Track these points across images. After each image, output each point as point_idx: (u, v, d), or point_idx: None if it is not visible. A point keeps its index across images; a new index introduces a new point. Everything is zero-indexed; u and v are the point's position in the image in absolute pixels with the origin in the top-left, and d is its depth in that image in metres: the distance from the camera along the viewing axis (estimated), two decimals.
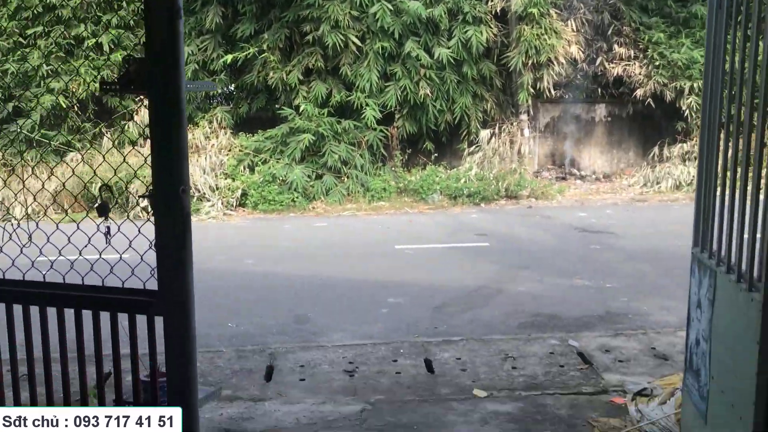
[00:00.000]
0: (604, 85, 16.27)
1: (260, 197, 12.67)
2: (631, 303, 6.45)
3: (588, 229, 10.22)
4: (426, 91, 13.80)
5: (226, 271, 7.92)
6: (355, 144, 13.73)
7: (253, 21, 14.15)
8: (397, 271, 7.81)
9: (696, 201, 3.30)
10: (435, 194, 13.19)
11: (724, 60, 3.00)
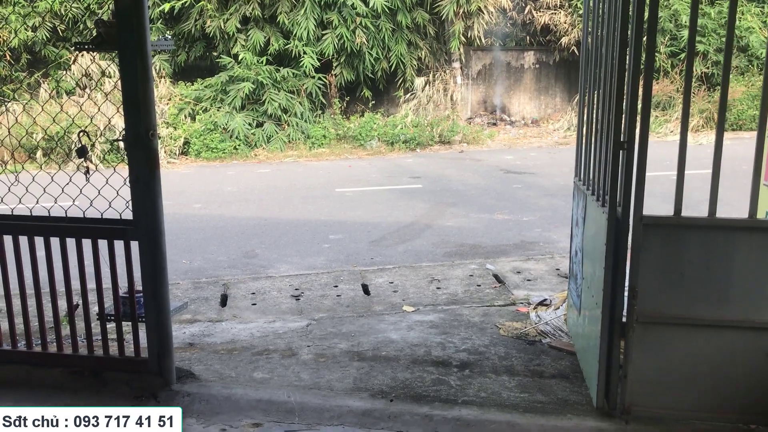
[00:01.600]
0: (532, 33, 17.03)
1: (203, 145, 12.98)
2: (544, 233, 7.31)
3: (512, 171, 11.08)
4: (362, 40, 14.22)
5: (175, 215, 8.38)
6: (295, 92, 14.10)
7: None
8: (338, 212, 8.46)
9: (577, 140, 4.05)
10: (373, 141, 13.79)
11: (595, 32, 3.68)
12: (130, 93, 3.34)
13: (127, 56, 3.30)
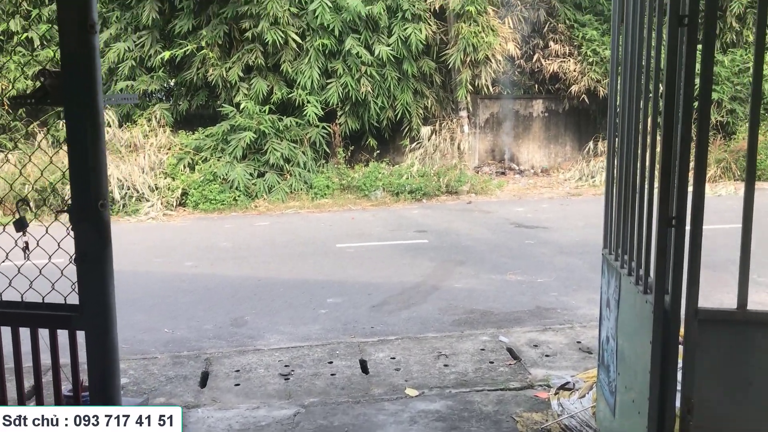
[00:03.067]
0: (541, 82, 16.70)
1: (201, 196, 12.53)
2: (561, 297, 6.70)
3: (523, 224, 10.52)
4: (367, 88, 13.89)
5: (164, 275, 7.84)
6: (298, 141, 13.71)
7: (191, 16, 13.93)
8: (338, 270, 7.89)
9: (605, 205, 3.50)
10: (377, 191, 13.31)
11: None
12: (78, 156, 2.82)
13: (74, 113, 2.78)
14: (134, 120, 14.24)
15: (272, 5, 13.11)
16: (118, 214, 12.05)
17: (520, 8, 16.22)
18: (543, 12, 16.40)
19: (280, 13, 13.15)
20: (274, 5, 13.13)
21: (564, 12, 16.27)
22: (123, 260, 8.66)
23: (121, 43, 14.23)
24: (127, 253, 9.03)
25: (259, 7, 13.23)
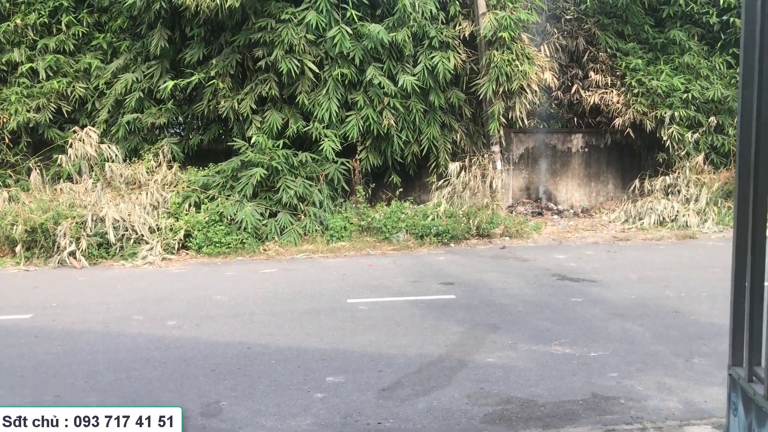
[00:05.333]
0: (580, 114, 15.40)
1: (205, 239, 11.37)
2: (623, 380, 5.26)
3: (567, 276, 9.08)
4: (390, 121, 12.73)
5: (138, 338, 6.60)
6: (314, 178, 12.55)
7: (202, 45, 13.02)
8: (344, 336, 6.56)
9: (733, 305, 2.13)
10: (400, 233, 12.01)
11: None
12: None
13: None
14: (141, 155, 13.28)
15: (287, 32, 12.11)
16: (113, 258, 10.94)
17: (557, 36, 15.03)
18: (582, 40, 15.19)
19: (295, 41, 12.12)
20: (290, 32, 12.13)
21: (605, 40, 15.01)
22: (96, 317, 7.49)
23: (129, 73, 13.36)
24: (106, 306, 7.85)
25: (273, 35, 12.24)
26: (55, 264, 10.62)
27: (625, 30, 15.21)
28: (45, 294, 8.66)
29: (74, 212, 11.12)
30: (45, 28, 13.71)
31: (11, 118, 12.95)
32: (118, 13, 13.73)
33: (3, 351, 6.25)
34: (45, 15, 13.56)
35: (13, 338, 6.67)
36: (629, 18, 15.21)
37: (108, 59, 13.85)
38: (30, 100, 13.13)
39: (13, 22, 13.33)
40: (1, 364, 5.91)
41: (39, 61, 13.43)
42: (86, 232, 10.87)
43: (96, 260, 10.84)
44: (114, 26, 13.88)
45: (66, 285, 9.24)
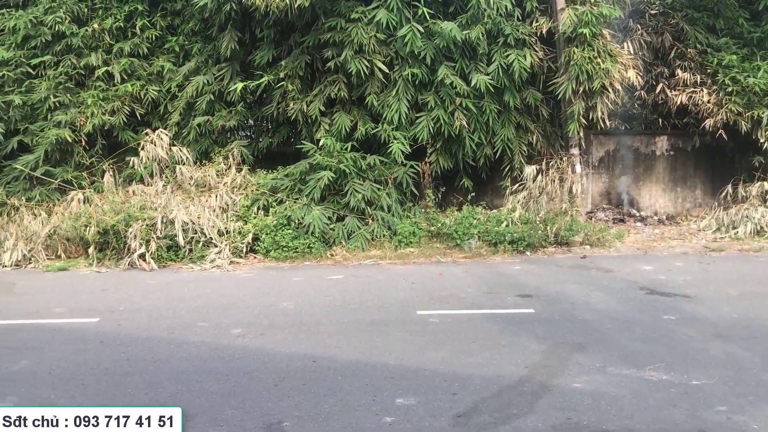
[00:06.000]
0: (665, 115, 14.43)
1: (272, 242, 11.18)
2: (734, 415, 4.61)
3: (657, 290, 8.34)
4: (462, 122, 12.21)
5: (202, 347, 6.38)
6: (382, 182, 12.18)
7: (272, 47, 12.87)
8: (415, 352, 6.13)
9: None
10: (472, 240, 11.48)
11: None
12: None
13: None
14: (211, 157, 13.28)
15: (357, 32, 11.79)
16: (182, 261, 10.90)
17: (640, 32, 14.12)
18: (668, 36, 14.21)
19: (365, 41, 11.79)
20: (359, 32, 11.81)
21: (694, 35, 13.99)
22: (162, 323, 7.32)
23: (200, 76, 13.39)
24: (172, 311, 7.71)
25: (342, 35, 11.96)
26: (126, 266, 10.66)
27: (716, 24, 14.13)
28: (113, 297, 8.63)
29: (145, 214, 11.15)
30: (120, 32, 13.91)
31: (88, 120, 13.16)
32: (190, 15, 13.80)
33: (69, 357, 6.14)
34: (121, 19, 13.76)
35: (80, 343, 6.57)
36: (721, 11, 14.12)
37: (180, 62, 13.94)
38: (105, 103, 13.32)
39: (90, 27, 13.58)
40: (65, 370, 5.79)
41: (114, 64, 13.62)
42: (156, 234, 10.87)
43: (165, 263, 10.82)
44: (186, 29, 13.96)
45: (134, 288, 9.20)
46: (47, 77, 13.43)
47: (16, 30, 13.50)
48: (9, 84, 13.29)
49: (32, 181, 12.80)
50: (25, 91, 13.30)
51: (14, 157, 13.03)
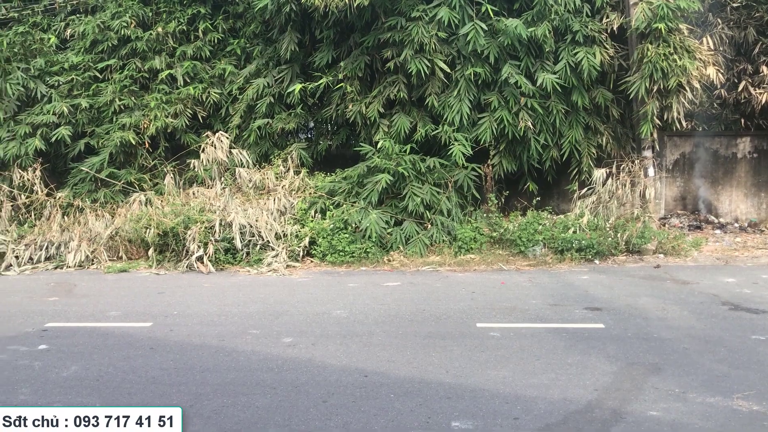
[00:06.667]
0: (748, 115, 13.46)
1: (329, 246, 10.96)
2: None
3: (742, 305, 7.62)
4: (527, 123, 11.68)
5: (252, 356, 6.16)
6: (442, 185, 11.78)
7: (331, 48, 12.69)
8: (473, 368, 5.72)
9: None
10: (536, 247, 10.93)
11: None
12: None
13: None
14: (271, 160, 13.21)
15: (417, 31, 11.45)
16: (239, 264, 10.81)
17: (721, 26, 13.19)
18: (752, 30, 13.23)
19: (426, 40, 11.44)
20: (420, 31, 11.46)
21: None
22: (213, 329, 7.15)
23: (261, 78, 13.35)
24: (224, 318, 7.54)
25: (402, 34, 11.64)
26: (184, 268, 10.65)
27: None
28: (168, 300, 8.56)
29: (203, 217, 11.12)
30: (183, 35, 14.06)
31: (151, 123, 13.31)
32: (251, 18, 13.81)
33: (118, 363, 6.04)
34: (184, 23, 13.90)
35: (131, 349, 6.47)
36: None
37: (241, 65, 13.96)
38: (168, 105, 13.45)
39: (155, 31, 13.77)
40: (113, 377, 5.67)
41: (177, 67, 13.76)
42: (214, 237, 10.83)
43: (223, 266, 10.75)
44: (248, 32, 13.98)
45: (190, 292, 9.13)
46: (113, 81, 13.68)
47: (85, 35, 13.83)
48: (77, 88, 13.62)
49: (97, 183, 13.04)
50: (92, 94, 13.59)
51: (81, 159, 13.32)
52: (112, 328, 7.27)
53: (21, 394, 5.13)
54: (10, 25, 14.19)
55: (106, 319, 7.65)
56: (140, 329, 7.19)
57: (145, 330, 7.15)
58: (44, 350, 6.46)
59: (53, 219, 12.05)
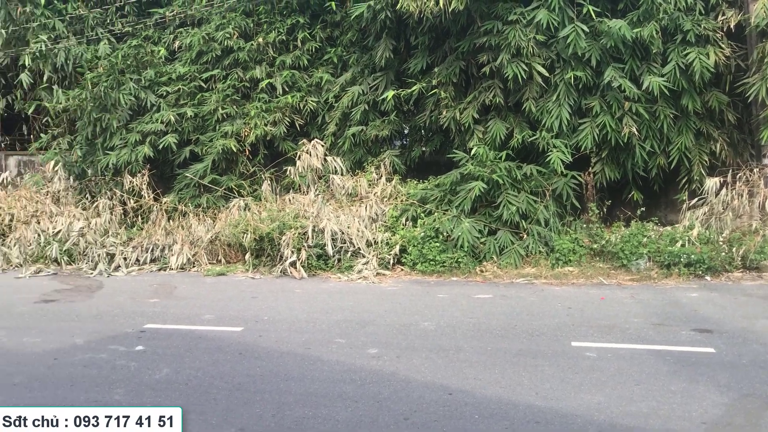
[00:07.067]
0: None
1: (419, 255, 10.81)
2: None
3: None
4: (632, 129, 11.02)
5: (336, 366, 6.10)
6: (539, 193, 11.34)
7: (426, 54, 12.56)
8: (566, 391, 5.37)
9: None
10: (641, 260, 10.28)
11: None
12: None
13: None
14: (364, 167, 13.25)
15: (514, 34, 11.09)
16: (330, 270, 10.88)
17: None
18: None
19: (523, 43, 11.05)
20: (517, 34, 11.09)
21: None
22: (300, 336, 7.14)
23: (356, 86, 13.43)
24: (312, 325, 7.57)
25: (499, 38, 11.31)
26: (278, 273, 10.84)
27: None
28: (260, 305, 8.71)
29: (298, 223, 11.29)
30: (283, 45, 14.37)
31: (251, 131, 13.69)
32: (348, 27, 13.94)
33: (206, 368, 6.16)
34: (283, 33, 14.22)
35: (220, 354, 6.59)
36: None
37: (338, 73, 14.11)
38: (267, 114, 13.79)
39: (256, 42, 14.18)
40: (201, 382, 5.78)
41: (277, 77, 14.09)
42: (307, 243, 10.95)
43: (315, 271, 10.86)
44: (344, 40, 14.11)
45: (282, 297, 9.26)
46: (216, 90, 14.20)
47: (192, 46, 14.44)
48: (184, 97, 14.23)
49: (200, 189, 13.56)
50: (197, 103, 14.16)
51: (186, 165, 13.90)
52: (205, 331, 7.46)
53: (116, 394, 5.32)
54: (125, 39, 15.08)
55: (200, 322, 7.87)
56: (231, 334, 7.33)
57: (235, 335, 7.28)
58: (140, 351, 6.71)
59: (159, 223, 12.65)
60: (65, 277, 11.32)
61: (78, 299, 9.43)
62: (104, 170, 13.55)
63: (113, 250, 11.96)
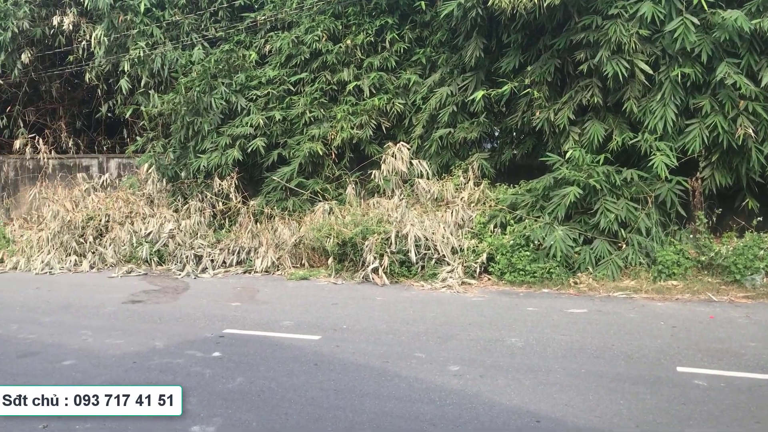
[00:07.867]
0: None
1: (508, 264, 10.26)
2: None
3: None
4: (747, 130, 9.99)
5: (414, 384, 5.73)
6: (640, 200, 10.50)
7: (519, 53, 11.95)
8: (670, 425, 4.75)
9: None
10: (757, 275, 9.28)
11: None
12: None
13: None
14: (451, 171, 12.81)
15: (615, 29, 10.33)
16: (413, 278, 10.53)
17: None
18: None
19: (624, 39, 10.28)
20: (618, 29, 10.33)
21: None
22: (378, 348, 6.80)
23: (445, 87, 13.02)
24: (391, 336, 7.23)
25: (598, 34, 10.58)
26: (360, 279, 10.61)
27: None
28: (340, 313, 8.48)
29: (381, 228, 11.02)
30: (371, 47, 14.17)
31: (338, 134, 13.57)
32: (437, 26, 13.57)
33: (281, 378, 5.95)
34: (371, 34, 14.02)
35: (296, 364, 6.38)
36: None
37: (426, 74, 13.75)
38: (354, 117, 13.62)
39: (344, 44, 14.06)
40: (274, 394, 5.57)
41: (364, 79, 13.90)
42: (390, 249, 10.66)
43: (397, 278, 10.55)
44: (434, 40, 13.75)
45: (362, 305, 9.00)
46: (304, 93, 14.19)
47: (281, 50, 14.52)
48: (273, 101, 14.31)
49: (287, 192, 13.56)
50: (285, 107, 14.20)
51: (274, 169, 13.96)
52: (283, 339, 7.29)
53: (188, 403, 5.16)
54: (218, 44, 15.39)
55: (279, 328, 7.72)
56: (308, 342, 7.12)
57: (312, 344, 7.06)
58: (217, 358, 6.61)
59: (245, 225, 12.74)
60: (154, 277, 11.59)
61: (163, 300, 9.57)
62: (196, 173, 13.82)
63: (201, 252, 12.15)
